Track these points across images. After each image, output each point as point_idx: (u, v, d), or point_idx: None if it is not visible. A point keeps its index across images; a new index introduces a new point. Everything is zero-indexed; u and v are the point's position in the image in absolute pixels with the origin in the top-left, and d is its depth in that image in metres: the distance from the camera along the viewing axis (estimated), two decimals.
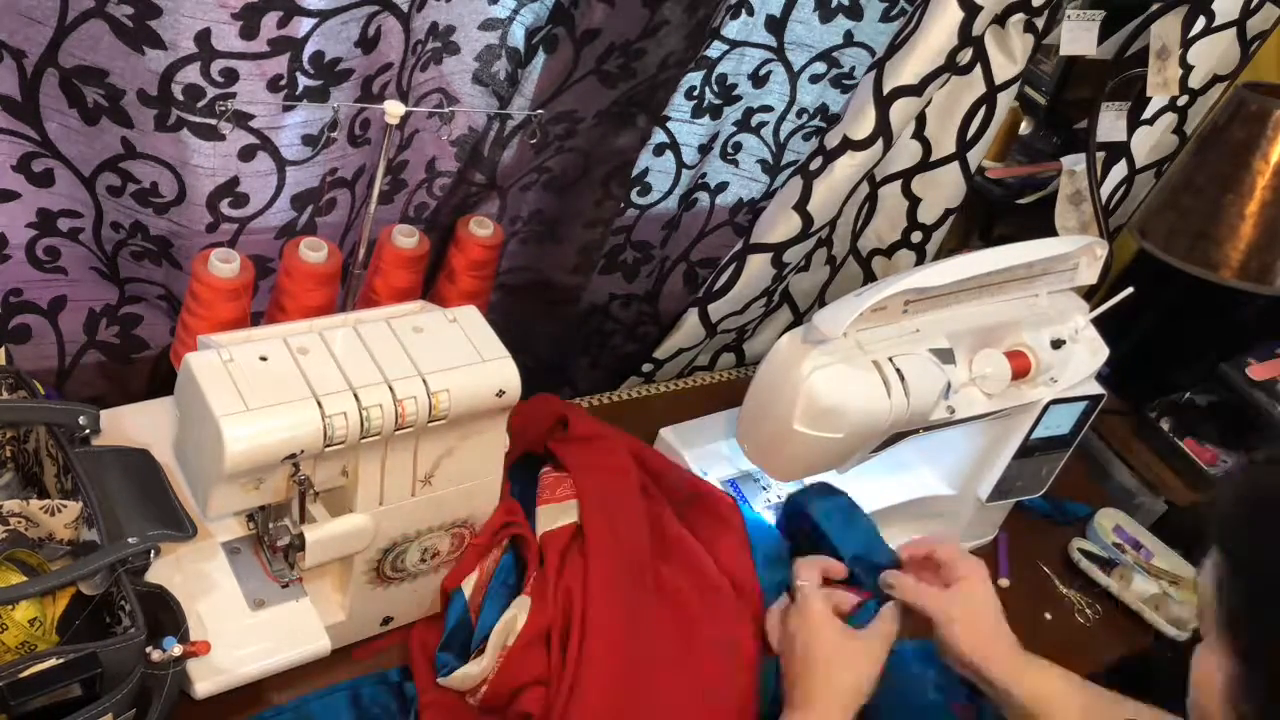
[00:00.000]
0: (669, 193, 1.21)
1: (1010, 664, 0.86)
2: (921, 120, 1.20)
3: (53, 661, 0.68)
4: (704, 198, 1.26)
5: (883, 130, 1.12)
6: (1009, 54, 1.14)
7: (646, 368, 1.33)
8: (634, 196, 1.19)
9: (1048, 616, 1.17)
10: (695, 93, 1.11)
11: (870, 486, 1.14)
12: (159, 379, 1.06)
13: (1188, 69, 1.28)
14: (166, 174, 0.88)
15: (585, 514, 0.95)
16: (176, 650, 0.74)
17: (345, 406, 0.78)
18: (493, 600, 0.91)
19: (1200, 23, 1.26)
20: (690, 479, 1.07)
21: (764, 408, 0.99)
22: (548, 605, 0.90)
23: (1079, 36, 1.21)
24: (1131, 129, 1.35)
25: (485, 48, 0.96)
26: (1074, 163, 1.36)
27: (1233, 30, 1.26)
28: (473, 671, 0.87)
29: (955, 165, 1.21)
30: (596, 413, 1.20)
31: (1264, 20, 1.26)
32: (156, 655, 0.73)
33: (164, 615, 0.77)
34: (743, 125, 1.19)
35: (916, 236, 1.28)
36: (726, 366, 1.41)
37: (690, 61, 1.07)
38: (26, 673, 0.67)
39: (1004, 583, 1.21)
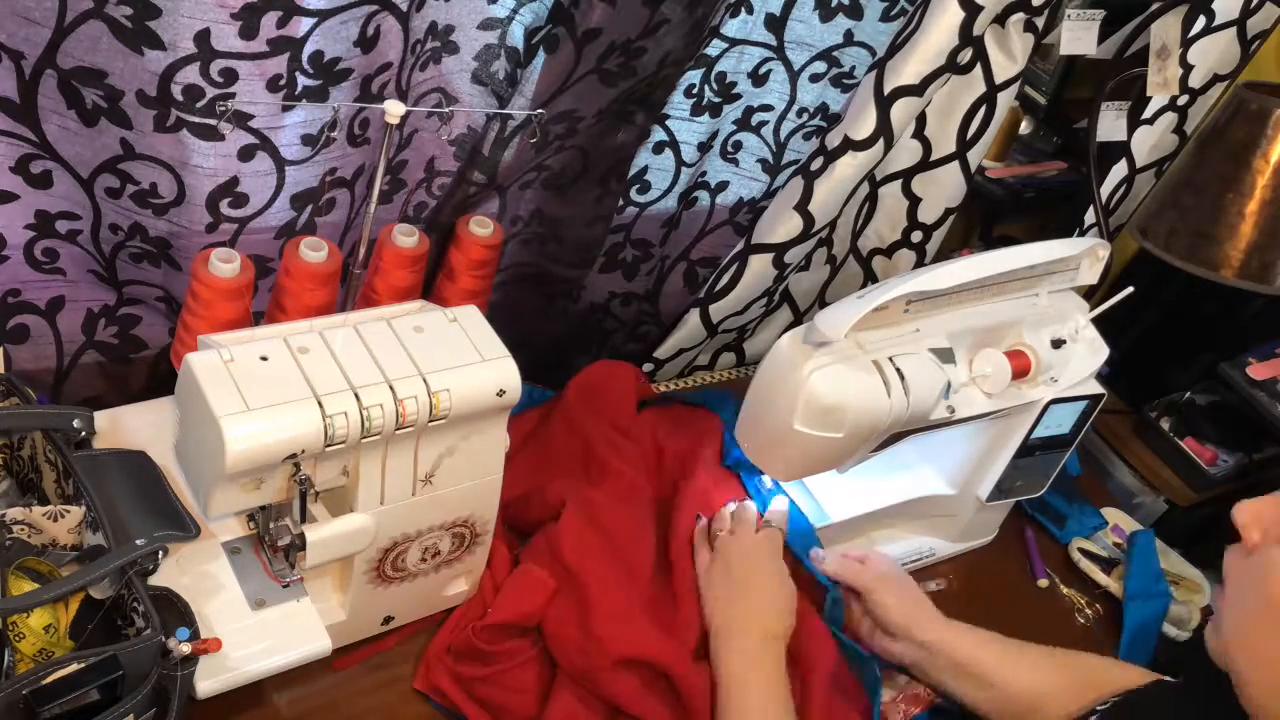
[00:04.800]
0: (668, 191, 1.20)
1: (940, 626, 0.99)
2: (921, 120, 1.20)
3: (74, 666, 0.68)
4: (704, 196, 1.26)
5: (884, 130, 1.12)
6: (1009, 54, 1.14)
7: (647, 367, 1.33)
8: (633, 194, 1.19)
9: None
10: (694, 91, 1.11)
11: (870, 486, 1.15)
12: (158, 379, 1.06)
13: (1188, 68, 1.28)
14: (166, 175, 0.88)
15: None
16: (186, 648, 0.74)
17: (346, 406, 0.78)
18: None
19: (1200, 22, 1.26)
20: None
21: (764, 407, 0.98)
22: None
23: (1079, 36, 1.21)
24: (1131, 129, 1.35)
25: (484, 47, 0.96)
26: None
27: (1233, 30, 1.26)
28: None
29: (955, 165, 1.21)
30: None
31: (1264, 20, 1.26)
32: (173, 644, 0.73)
33: (172, 617, 0.77)
34: (743, 124, 1.19)
35: (917, 236, 1.28)
36: (726, 366, 1.41)
37: (689, 60, 1.07)
38: (50, 678, 0.67)
39: (1043, 583, 1.20)
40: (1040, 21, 1.12)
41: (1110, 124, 1.33)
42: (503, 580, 0.98)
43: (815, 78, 1.17)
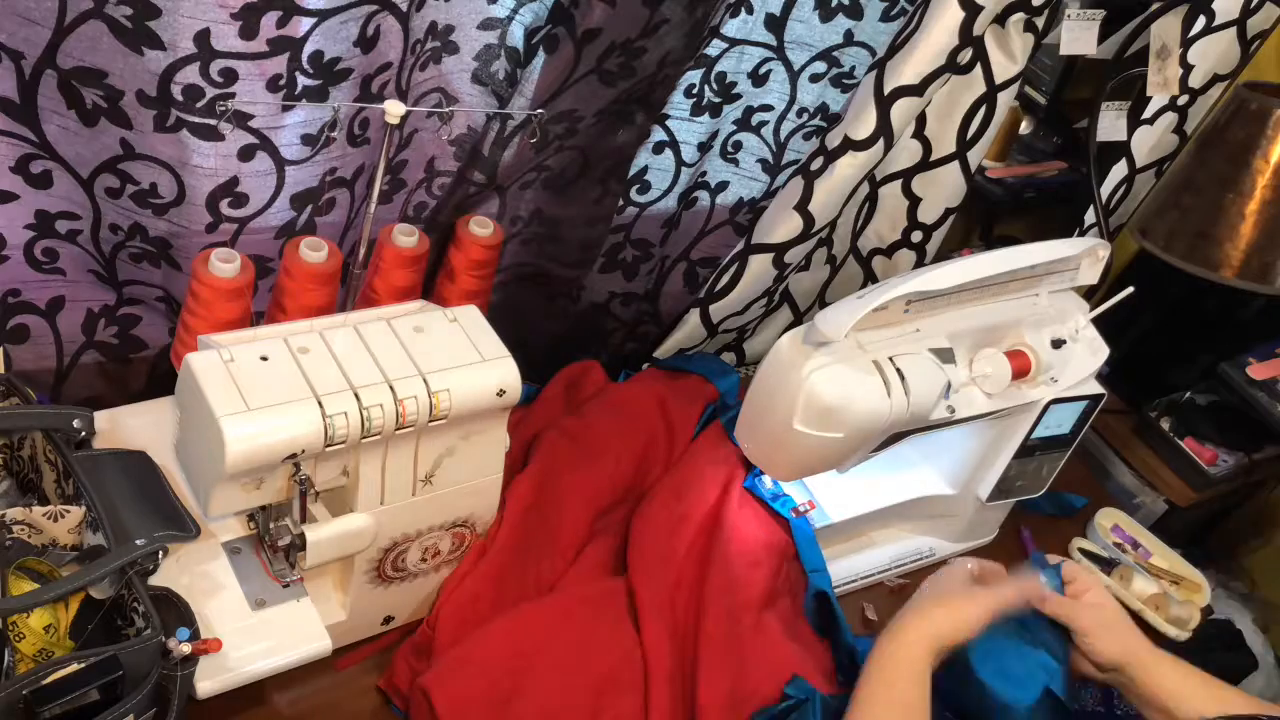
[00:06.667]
0: (668, 191, 1.20)
1: (1150, 663, 0.91)
2: (921, 119, 1.19)
3: (74, 666, 0.68)
4: (704, 196, 1.26)
5: (884, 130, 1.11)
6: (1009, 53, 1.14)
7: (647, 367, 1.33)
8: (633, 194, 1.19)
9: None
10: (694, 91, 1.11)
11: (870, 486, 1.15)
12: (158, 379, 1.06)
13: (1188, 68, 1.28)
14: (166, 175, 0.88)
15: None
16: (186, 648, 0.74)
17: (346, 406, 0.78)
18: None
19: (1200, 22, 1.26)
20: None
21: (764, 407, 0.98)
22: None
23: (1079, 36, 1.21)
24: (1131, 129, 1.35)
25: (484, 47, 0.96)
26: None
27: (1233, 30, 1.26)
28: None
29: (955, 165, 1.21)
30: None
31: (1264, 20, 1.26)
32: (173, 644, 0.73)
33: (172, 617, 0.77)
34: (743, 124, 1.19)
35: (917, 236, 1.28)
36: None
37: (689, 60, 1.07)
38: (50, 679, 0.67)
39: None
40: (1040, 21, 1.12)
41: (1110, 124, 1.33)
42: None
43: (815, 78, 1.17)
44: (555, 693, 0.89)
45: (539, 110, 0.99)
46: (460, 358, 0.85)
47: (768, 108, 1.18)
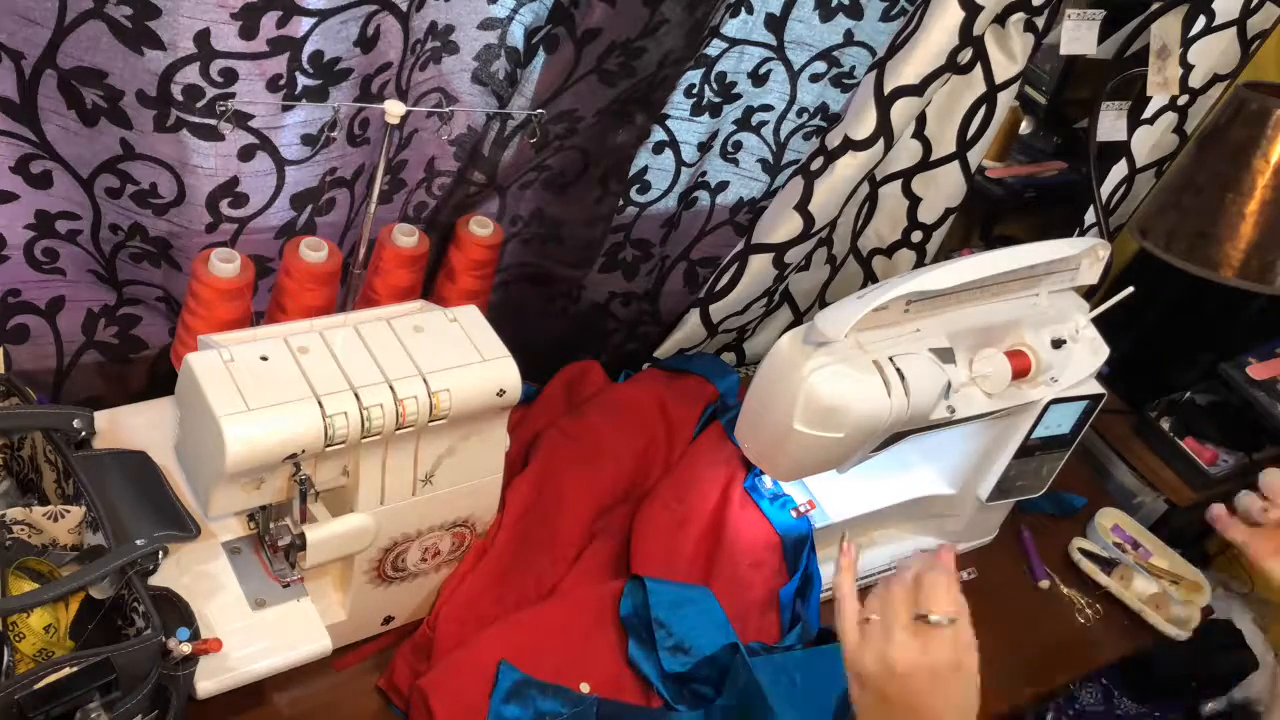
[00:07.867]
0: (668, 191, 1.20)
1: None
2: (922, 119, 1.20)
3: (67, 670, 0.68)
4: (704, 196, 1.26)
5: (884, 130, 1.11)
6: (1009, 53, 1.14)
7: (647, 367, 1.33)
8: (633, 194, 1.19)
9: None
10: (694, 91, 1.11)
11: (870, 486, 1.15)
12: (158, 379, 1.06)
13: (1188, 68, 1.28)
14: (166, 175, 0.88)
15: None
16: (187, 648, 0.74)
17: (346, 406, 0.78)
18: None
19: (1200, 22, 1.26)
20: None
21: (764, 407, 0.98)
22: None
23: (1079, 36, 1.21)
24: (1131, 128, 1.35)
25: (484, 47, 0.96)
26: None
27: (1233, 30, 1.26)
28: None
29: (955, 164, 1.21)
30: None
31: (1264, 20, 1.26)
32: (173, 644, 0.73)
33: (172, 617, 0.77)
34: (743, 124, 1.19)
35: (917, 236, 1.28)
36: None
37: (689, 60, 1.07)
38: (40, 684, 0.67)
39: (1045, 585, 1.20)
40: (1040, 21, 1.12)
41: (1110, 124, 1.33)
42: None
43: (815, 78, 1.17)
44: None
45: (539, 110, 0.99)
46: (460, 358, 0.85)
47: (768, 108, 1.18)
